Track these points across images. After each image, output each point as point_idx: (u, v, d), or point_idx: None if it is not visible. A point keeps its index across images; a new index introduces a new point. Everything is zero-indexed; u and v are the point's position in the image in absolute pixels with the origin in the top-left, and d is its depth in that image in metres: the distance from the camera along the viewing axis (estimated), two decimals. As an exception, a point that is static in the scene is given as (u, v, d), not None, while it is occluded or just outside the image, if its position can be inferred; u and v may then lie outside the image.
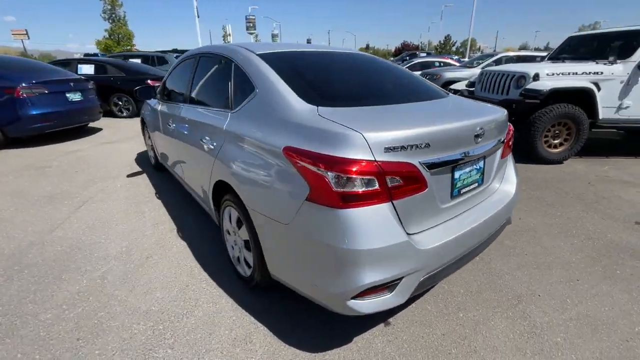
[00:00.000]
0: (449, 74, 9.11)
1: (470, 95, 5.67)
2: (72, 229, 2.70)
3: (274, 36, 41.75)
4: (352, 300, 1.30)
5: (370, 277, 1.26)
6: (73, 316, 1.79)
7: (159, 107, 3.22)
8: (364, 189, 1.22)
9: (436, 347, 1.61)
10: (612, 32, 4.79)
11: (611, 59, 4.37)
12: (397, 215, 1.30)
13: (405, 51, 40.93)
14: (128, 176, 3.94)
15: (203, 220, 2.85)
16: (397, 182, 1.26)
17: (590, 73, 4.31)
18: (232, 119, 1.85)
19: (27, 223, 2.78)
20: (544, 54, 9.26)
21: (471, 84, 6.03)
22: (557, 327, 1.75)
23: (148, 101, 3.73)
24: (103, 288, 2.02)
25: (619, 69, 4.31)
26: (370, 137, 1.24)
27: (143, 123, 4.10)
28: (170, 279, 2.11)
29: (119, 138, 5.83)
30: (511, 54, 9.17)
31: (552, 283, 2.10)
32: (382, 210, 1.26)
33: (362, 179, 1.22)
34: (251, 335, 1.68)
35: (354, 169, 1.21)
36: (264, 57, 1.90)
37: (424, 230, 1.42)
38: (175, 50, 12.07)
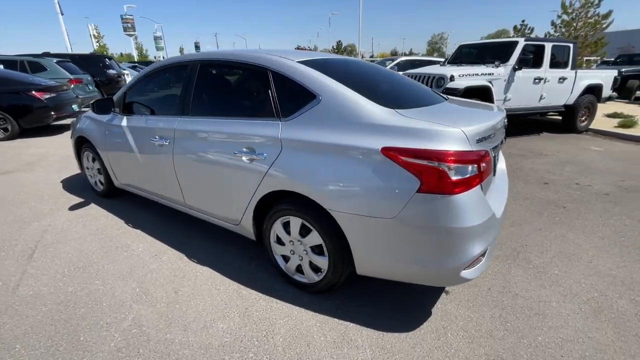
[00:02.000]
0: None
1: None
2: (42, 283, 2.12)
3: (156, 38, 37.76)
4: (464, 271, 1.53)
5: (478, 247, 1.52)
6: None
7: (124, 122, 2.76)
8: (469, 175, 1.46)
9: (491, 299, 1.97)
10: (493, 42, 6.23)
11: (497, 63, 5.69)
12: (484, 193, 1.58)
13: None
14: (71, 209, 3.21)
15: (214, 242, 2.61)
16: (484, 167, 1.54)
17: (486, 74, 5.53)
18: (287, 127, 1.82)
19: (-40, 290, 2.05)
20: (430, 58, 11.14)
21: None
22: (550, 264, 2.34)
23: (93, 117, 3.13)
24: (148, 336, 1.72)
25: (502, 71, 5.65)
26: (467, 131, 1.49)
27: (81, 144, 3.40)
28: (221, 306, 1.93)
29: (14, 167, 4.57)
30: (405, 58, 10.72)
31: (528, 234, 2.75)
32: (479, 191, 1.52)
33: (469, 167, 1.45)
34: (347, 334, 1.73)
35: (464, 159, 1.43)
36: (306, 64, 1.93)
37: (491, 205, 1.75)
38: (47, 54, 9.78)
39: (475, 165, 1.47)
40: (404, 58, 10.77)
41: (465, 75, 5.37)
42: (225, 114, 2.16)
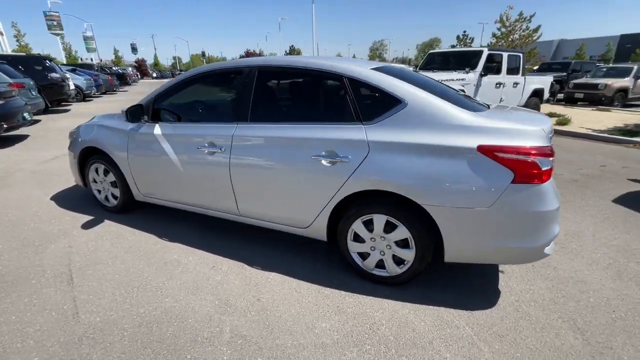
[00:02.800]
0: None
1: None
2: (104, 307, 1.94)
3: (86, 39, 34.14)
4: (547, 247, 1.79)
5: (557, 227, 1.80)
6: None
7: (157, 130, 2.61)
8: (550, 166, 1.72)
9: (539, 274, 2.29)
10: (461, 51, 6.93)
11: (467, 69, 6.35)
12: (551, 180, 1.88)
13: None
14: (85, 227, 2.90)
15: (264, 248, 2.59)
16: (554, 159, 1.83)
17: (459, 79, 6.14)
18: (372, 130, 1.94)
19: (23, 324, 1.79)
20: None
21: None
22: (566, 240, 2.76)
23: (109, 125, 2.89)
24: (258, 345, 1.70)
25: (472, 76, 6.32)
26: (545, 130, 1.76)
27: (86, 155, 3.08)
28: (312, 307, 1.97)
29: (-26, 185, 3.92)
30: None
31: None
32: (552, 179, 1.80)
33: (550, 159, 1.72)
34: (441, 316, 1.89)
35: (548, 153, 1.69)
36: (381, 71, 2.06)
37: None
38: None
39: (552, 158, 1.75)
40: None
41: (445, 80, 5.90)
42: (294, 120, 2.20)
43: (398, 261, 2.06)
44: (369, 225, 2.06)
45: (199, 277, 2.25)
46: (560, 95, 13.05)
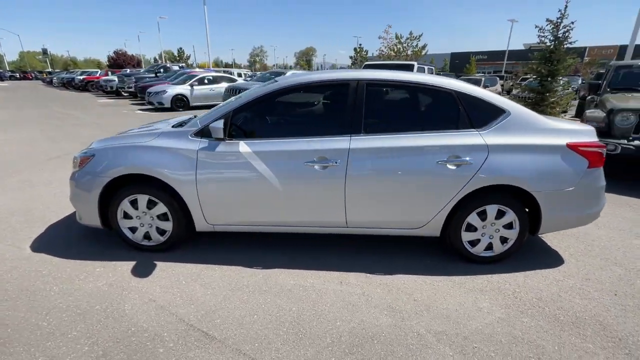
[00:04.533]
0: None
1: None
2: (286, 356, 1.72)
3: None
4: (600, 212, 2.54)
5: (605, 196, 2.57)
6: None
7: (244, 148, 2.34)
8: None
9: (573, 237, 3.12)
10: (395, 63, 7.99)
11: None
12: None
13: (124, 62, 36.01)
14: (140, 275, 2.30)
15: (358, 255, 2.68)
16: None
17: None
18: (487, 135, 2.32)
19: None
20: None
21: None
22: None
23: (165, 145, 2.39)
24: (460, 335, 1.87)
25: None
26: (594, 129, 2.50)
27: (113, 187, 2.44)
28: (460, 294, 2.23)
29: None
30: (294, 72, 11.62)
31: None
32: (599, 163, 2.57)
33: (605, 149, 2.46)
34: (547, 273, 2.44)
35: (603, 145, 2.42)
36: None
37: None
38: None
39: (605, 148, 2.51)
40: (294, 72, 11.65)
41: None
42: (410, 130, 2.39)
43: (503, 241, 2.52)
44: (482, 215, 2.45)
45: (342, 296, 2.19)
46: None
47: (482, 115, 2.41)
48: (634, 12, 10.38)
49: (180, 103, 11.87)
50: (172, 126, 2.71)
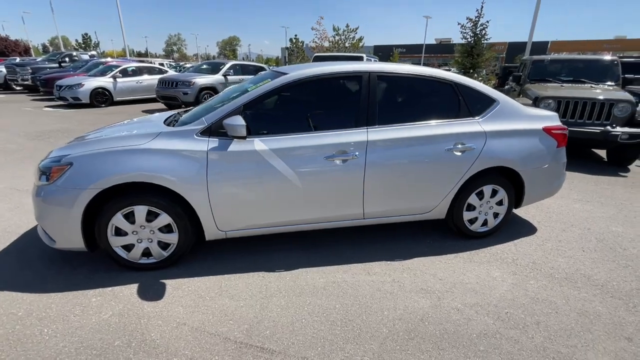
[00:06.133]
0: (201, 80, 9.48)
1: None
2: None
3: None
4: (562, 184, 3.02)
5: (563, 170, 3.06)
6: None
7: (259, 146, 2.19)
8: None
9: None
10: (345, 55, 8.11)
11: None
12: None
13: (6, 48, 29.51)
14: (153, 297, 1.99)
15: (363, 238, 2.73)
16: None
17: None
18: (484, 123, 2.57)
19: None
20: (258, 64, 11.99)
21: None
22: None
23: (168, 148, 2.08)
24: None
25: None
26: (557, 115, 2.93)
27: (101, 200, 2.05)
28: (473, 267, 2.46)
29: None
30: (235, 62, 11.01)
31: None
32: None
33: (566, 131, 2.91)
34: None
35: (566, 127, 2.87)
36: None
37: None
38: None
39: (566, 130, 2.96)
40: (235, 62, 11.02)
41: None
42: (420, 119, 2.50)
43: (494, 217, 2.84)
44: (479, 195, 2.71)
45: (377, 285, 2.23)
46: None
47: (478, 104, 2.65)
48: (516, 12, 12.28)
49: (101, 98, 10.29)
50: (165, 124, 2.37)
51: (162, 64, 15.60)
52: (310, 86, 2.40)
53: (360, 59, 8.15)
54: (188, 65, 16.75)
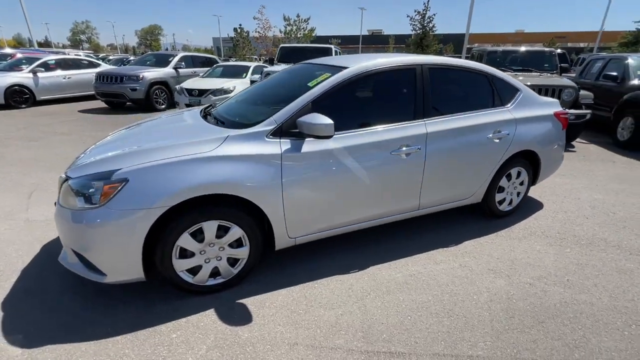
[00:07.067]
0: (150, 74, 8.51)
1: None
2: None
3: None
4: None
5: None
6: None
7: (336, 143, 2.08)
8: (564, 119, 3.31)
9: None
10: (311, 46, 7.95)
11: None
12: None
13: None
14: (237, 322, 1.77)
15: (396, 230, 2.82)
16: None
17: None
18: (513, 111, 2.78)
19: None
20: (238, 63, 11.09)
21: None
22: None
23: (237, 153, 1.85)
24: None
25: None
26: (558, 101, 3.30)
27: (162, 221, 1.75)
28: (502, 246, 2.69)
29: None
30: (186, 53, 10.07)
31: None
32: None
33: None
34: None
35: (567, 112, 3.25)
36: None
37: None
38: None
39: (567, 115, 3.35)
40: (186, 53, 10.06)
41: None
42: (463, 110, 2.61)
43: (517, 195, 3.12)
44: (508, 177, 2.96)
45: (451, 272, 2.30)
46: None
47: (507, 94, 2.85)
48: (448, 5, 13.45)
49: (19, 97, 8.56)
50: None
51: (89, 56, 13.62)
52: (371, 79, 2.33)
53: (328, 49, 8.11)
54: (131, 59, 14.88)
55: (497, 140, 2.70)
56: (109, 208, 1.67)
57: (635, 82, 6.04)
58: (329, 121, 1.88)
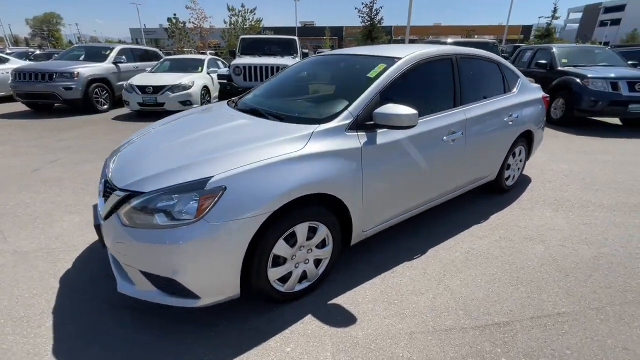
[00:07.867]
0: (87, 70, 7.36)
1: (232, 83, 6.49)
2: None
3: None
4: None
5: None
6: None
7: (404, 133, 2.10)
8: (540, 101, 3.79)
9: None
10: (273, 38, 7.64)
11: (293, 54, 7.41)
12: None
13: None
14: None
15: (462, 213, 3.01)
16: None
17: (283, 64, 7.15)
18: (516, 95, 3.11)
19: None
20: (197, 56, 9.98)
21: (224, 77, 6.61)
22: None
23: (327, 150, 1.76)
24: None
25: (290, 60, 7.45)
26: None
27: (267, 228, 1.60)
28: (528, 219, 3.05)
29: None
30: (125, 46, 8.89)
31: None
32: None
33: (542, 98, 3.77)
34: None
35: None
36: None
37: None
38: None
39: (541, 98, 3.83)
40: (125, 46, 8.86)
41: (278, 65, 6.71)
42: (486, 96, 2.83)
43: (518, 170, 3.51)
44: (514, 156, 3.31)
45: (495, 244, 2.51)
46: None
47: (512, 80, 3.17)
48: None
49: None
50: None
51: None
52: (420, 69, 2.37)
53: (292, 41, 7.90)
54: (37, 52, 12.53)
55: (511, 123, 3.00)
56: (207, 221, 1.46)
57: (561, 68, 7.15)
58: (413, 111, 1.89)
